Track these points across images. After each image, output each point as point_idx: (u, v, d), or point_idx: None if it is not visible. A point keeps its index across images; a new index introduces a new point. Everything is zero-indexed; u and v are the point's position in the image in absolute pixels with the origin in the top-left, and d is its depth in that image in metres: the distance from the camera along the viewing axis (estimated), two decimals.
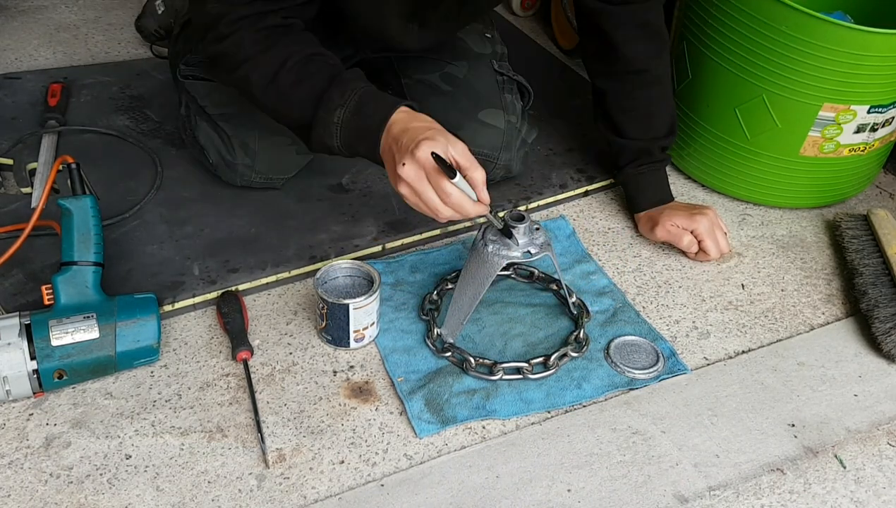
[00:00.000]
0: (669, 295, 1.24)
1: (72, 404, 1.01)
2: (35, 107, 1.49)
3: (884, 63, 1.24)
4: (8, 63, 1.69)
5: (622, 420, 1.03)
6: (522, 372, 1.07)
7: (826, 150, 1.35)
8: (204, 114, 1.28)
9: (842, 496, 0.97)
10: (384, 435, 1.00)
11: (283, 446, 0.98)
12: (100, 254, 1.04)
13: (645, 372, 1.09)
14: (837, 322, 1.22)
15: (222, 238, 1.24)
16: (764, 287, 1.27)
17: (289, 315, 1.16)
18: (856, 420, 1.06)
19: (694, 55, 1.40)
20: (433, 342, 1.11)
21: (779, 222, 1.42)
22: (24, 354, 0.96)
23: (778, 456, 1.00)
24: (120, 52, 1.77)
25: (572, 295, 1.18)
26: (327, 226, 1.28)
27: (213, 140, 1.27)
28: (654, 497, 0.94)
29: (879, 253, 1.27)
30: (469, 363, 1.07)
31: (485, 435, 1.01)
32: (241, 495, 0.92)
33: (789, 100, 1.29)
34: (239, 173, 1.27)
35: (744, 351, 1.16)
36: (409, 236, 1.29)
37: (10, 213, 1.24)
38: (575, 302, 1.17)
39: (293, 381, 1.06)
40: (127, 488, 0.92)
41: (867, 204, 1.49)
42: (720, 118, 1.39)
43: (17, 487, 0.91)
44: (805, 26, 1.21)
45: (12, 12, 1.88)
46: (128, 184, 1.33)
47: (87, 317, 1.00)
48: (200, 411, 1.01)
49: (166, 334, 1.11)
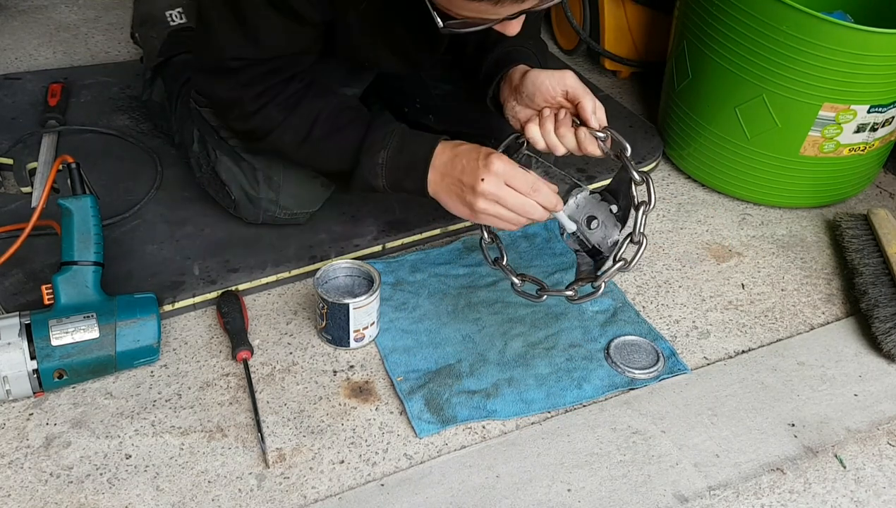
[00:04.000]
0: (669, 294, 1.24)
1: (72, 404, 1.01)
2: (35, 107, 1.49)
3: (884, 63, 1.24)
4: (8, 63, 1.69)
5: (622, 419, 1.03)
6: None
7: (826, 150, 1.35)
8: (224, 146, 1.20)
9: (842, 495, 0.97)
10: (384, 435, 1.00)
11: (283, 446, 0.98)
12: (100, 253, 1.04)
13: (645, 372, 1.09)
14: (837, 321, 1.22)
15: (222, 238, 1.24)
16: (764, 286, 1.27)
17: (289, 315, 1.16)
18: (856, 419, 1.06)
19: (694, 55, 1.40)
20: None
21: (779, 222, 1.42)
22: (24, 354, 0.96)
23: (778, 456, 1.00)
24: (120, 52, 1.77)
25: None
26: (327, 226, 1.28)
27: (235, 174, 1.20)
28: (654, 496, 0.94)
29: (879, 252, 1.27)
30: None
31: (485, 435, 1.01)
32: (241, 495, 0.92)
33: (789, 99, 1.29)
34: (262, 208, 1.21)
35: (744, 351, 1.16)
36: (409, 236, 1.29)
37: (10, 213, 1.24)
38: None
39: (293, 381, 1.06)
40: (127, 488, 0.92)
41: (867, 204, 1.49)
42: (720, 118, 1.39)
43: (17, 487, 0.91)
44: (805, 26, 1.21)
45: (12, 12, 1.89)
46: (128, 184, 1.33)
47: (87, 317, 1.00)
48: (200, 411, 1.01)
49: (166, 334, 1.11)
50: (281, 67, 1.07)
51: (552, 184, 1.02)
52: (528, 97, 1.06)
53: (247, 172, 1.19)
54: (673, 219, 1.41)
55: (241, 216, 1.24)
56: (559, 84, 1.04)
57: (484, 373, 1.08)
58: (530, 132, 1.05)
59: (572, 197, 1.05)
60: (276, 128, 1.09)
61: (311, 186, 1.21)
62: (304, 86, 1.10)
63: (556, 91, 1.04)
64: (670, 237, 1.36)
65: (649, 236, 1.35)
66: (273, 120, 1.09)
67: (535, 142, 1.05)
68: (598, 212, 1.04)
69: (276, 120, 1.09)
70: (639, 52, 1.76)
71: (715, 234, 1.38)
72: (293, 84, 1.09)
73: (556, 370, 1.09)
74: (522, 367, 1.09)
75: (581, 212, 1.05)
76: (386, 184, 1.08)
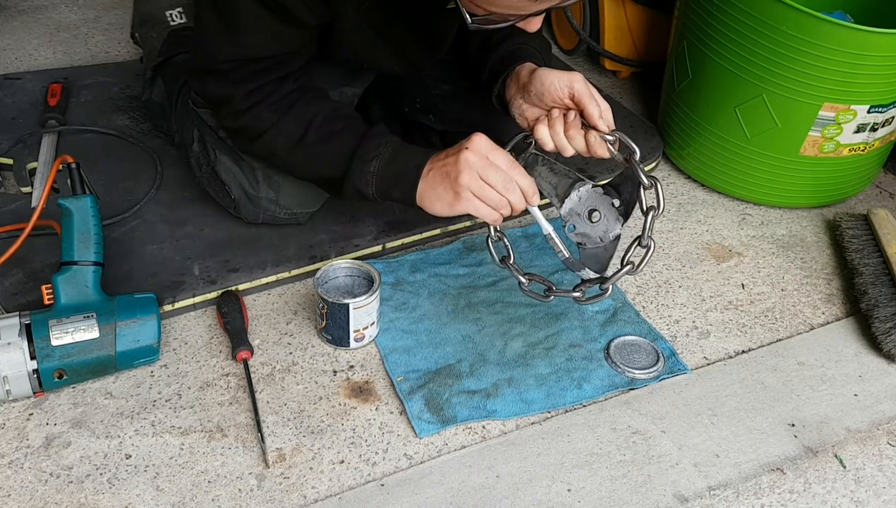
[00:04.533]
0: (669, 294, 1.24)
1: (72, 404, 1.01)
2: (35, 107, 1.49)
3: (884, 63, 1.24)
4: (8, 63, 1.69)
5: (622, 419, 1.03)
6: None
7: (826, 150, 1.35)
8: (224, 146, 1.20)
9: (842, 496, 0.97)
10: (384, 435, 1.00)
11: (283, 446, 0.98)
12: (100, 253, 1.04)
13: (645, 372, 1.09)
14: (837, 321, 1.22)
15: (222, 238, 1.24)
16: (764, 287, 1.27)
17: (289, 315, 1.16)
18: (856, 419, 1.06)
19: (694, 55, 1.40)
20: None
21: (779, 222, 1.42)
22: (24, 354, 0.96)
23: (778, 456, 1.00)
24: (120, 52, 1.77)
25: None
26: (327, 226, 1.28)
27: (235, 174, 1.20)
28: (654, 496, 0.94)
29: (879, 252, 1.27)
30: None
31: (485, 435, 1.01)
32: (241, 495, 0.92)
33: (789, 99, 1.29)
34: (262, 208, 1.21)
35: (744, 351, 1.16)
36: (409, 236, 1.29)
37: (10, 213, 1.24)
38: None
39: (293, 381, 1.06)
40: (127, 488, 0.92)
41: (867, 204, 1.49)
42: (720, 118, 1.39)
43: (17, 487, 0.91)
44: (805, 26, 1.21)
45: (12, 12, 1.89)
46: (128, 183, 1.33)
47: (87, 317, 0.99)
48: (200, 411, 1.01)
49: (166, 334, 1.11)
50: (272, 67, 1.07)
51: (530, 177, 1.03)
52: (537, 96, 1.06)
53: (247, 172, 1.19)
54: (673, 219, 1.41)
55: (241, 216, 1.24)
56: (567, 85, 1.04)
57: (484, 373, 1.08)
58: (540, 133, 1.05)
59: (575, 190, 1.05)
60: (269, 130, 1.09)
61: (311, 186, 1.20)
62: (297, 88, 1.10)
63: (565, 92, 1.04)
64: (670, 237, 1.36)
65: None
66: (266, 121, 1.09)
67: (545, 143, 1.05)
68: (600, 206, 1.05)
69: (268, 121, 1.09)
70: (639, 52, 1.76)
71: (715, 234, 1.38)
72: (286, 84, 1.09)
73: (556, 370, 1.09)
74: (522, 367, 1.09)
75: (583, 205, 1.05)
76: (375, 193, 1.09)
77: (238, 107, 1.08)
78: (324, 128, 1.09)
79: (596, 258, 1.05)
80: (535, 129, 1.06)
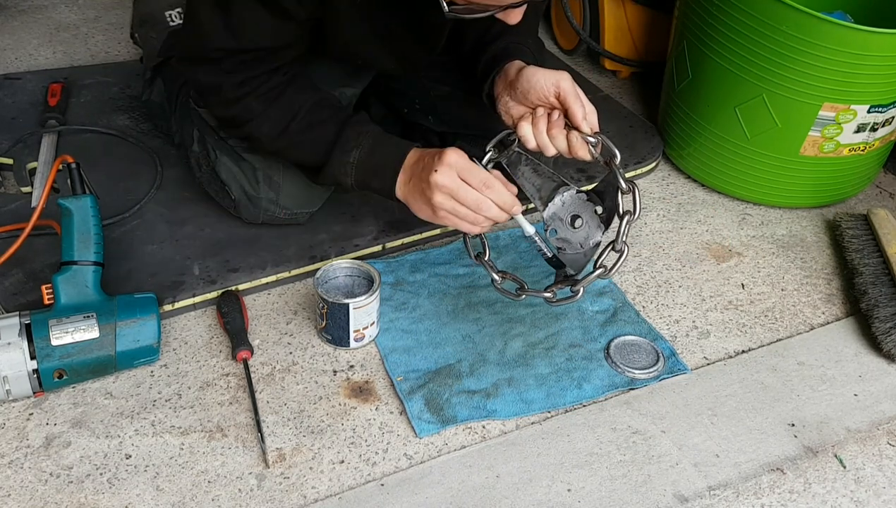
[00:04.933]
0: (669, 294, 1.24)
1: (72, 404, 1.01)
2: (35, 107, 1.49)
3: (884, 63, 1.24)
4: (8, 63, 1.69)
5: (622, 419, 1.03)
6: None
7: (826, 150, 1.35)
8: (224, 146, 1.20)
9: (842, 495, 0.97)
10: (384, 435, 1.00)
11: (283, 446, 0.98)
12: (100, 253, 1.04)
13: (645, 372, 1.09)
14: (837, 321, 1.22)
15: (222, 238, 1.24)
16: (764, 286, 1.27)
17: (289, 315, 1.16)
18: (856, 419, 1.06)
19: (694, 55, 1.40)
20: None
21: (779, 222, 1.42)
22: (24, 354, 0.96)
23: (778, 456, 1.00)
24: (120, 52, 1.77)
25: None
26: (327, 226, 1.28)
27: (235, 174, 1.20)
28: (654, 496, 0.94)
29: (879, 252, 1.27)
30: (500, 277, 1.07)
31: (485, 435, 1.01)
32: (241, 494, 0.92)
33: (789, 99, 1.29)
34: (262, 208, 1.21)
35: (744, 351, 1.16)
36: (409, 236, 1.29)
37: (10, 213, 1.24)
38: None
39: (293, 381, 1.06)
40: (127, 487, 0.92)
41: (867, 203, 1.49)
42: (720, 118, 1.39)
43: (17, 487, 0.91)
44: (805, 26, 1.21)
45: (12, 12, 1.89)
46: (128, 183, 1.33)
47: (87, 317, 1.00)
48: (200, 411, 1.01)
49: (166, 334, 1.11)
50: (264, 59, 1.07)
51: (512, 187, 1.02)
52: (523, 94, 1.06)
53: (247, 172, 1.19)
54: (673, 219, 1.41)
55: (241, 216, 1.24)
56: (553, 84, 1.03)
57: (484, 373, 1.08)
58: (522, 130, 1.05)
59: (559, 194, 1.05)
60: (255, 118, 1.10)
61: (311, 186, 1.20)
62: (286, 80, 1.10)
63: (550, 91, 1.04)
64: (670, 237, 1.36)
65: (649, 236, 1.36)
66: (253, 110, 1.09)
67: (527, 140, 1.05)
68: (583, 212, 1.05)
69: (256, 110, 1.09)
70: (639, 52, 1.76)
71: (715, 234, 1.38)
72: (276, 76, 1.09)
73: (556, 370, 1.09)
74: (522, 367, 1.09)
75: (566, 211, 1.05)
76: (354, 183, 1.10)
77: (228, 97, 1.09)
78: (308, 117, 1.10)
79: (574, 264, 1.05)
80: (518, 126, 1.05)
